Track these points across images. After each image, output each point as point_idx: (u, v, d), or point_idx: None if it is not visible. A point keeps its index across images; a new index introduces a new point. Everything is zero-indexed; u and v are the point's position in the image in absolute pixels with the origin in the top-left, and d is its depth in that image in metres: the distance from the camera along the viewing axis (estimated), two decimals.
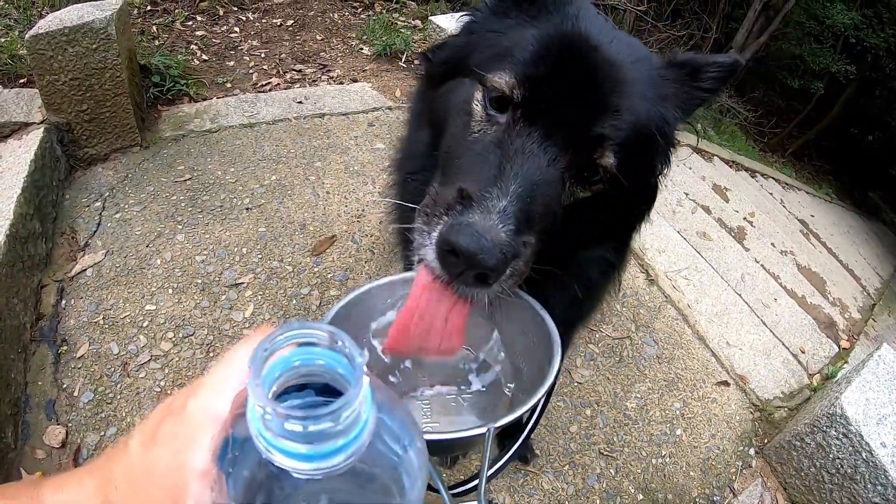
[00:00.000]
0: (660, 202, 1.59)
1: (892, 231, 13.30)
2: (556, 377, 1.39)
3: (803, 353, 4.50)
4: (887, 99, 14.00)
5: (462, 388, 1.31)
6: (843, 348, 4.98)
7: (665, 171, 1.51)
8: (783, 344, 4.43)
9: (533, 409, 1.14)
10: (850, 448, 2.93)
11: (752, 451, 3.41)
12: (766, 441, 3.50)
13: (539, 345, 1.23)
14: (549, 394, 1.35)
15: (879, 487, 2.84)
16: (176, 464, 0.61)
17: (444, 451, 1.29)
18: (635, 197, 1.46)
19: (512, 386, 1.29)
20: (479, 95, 1.29)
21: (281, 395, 0.53)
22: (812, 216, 8.57)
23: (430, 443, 0.73)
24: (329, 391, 0.53)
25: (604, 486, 2.92)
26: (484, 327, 1.33)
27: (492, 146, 1.22)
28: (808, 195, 9.92)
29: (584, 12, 1.35)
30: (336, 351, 0.52)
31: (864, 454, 2.88)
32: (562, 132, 1.20)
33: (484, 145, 1.24)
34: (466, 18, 1.52)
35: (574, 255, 1.51)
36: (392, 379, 1.33)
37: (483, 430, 1.00)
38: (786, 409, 3.79)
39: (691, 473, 3.15)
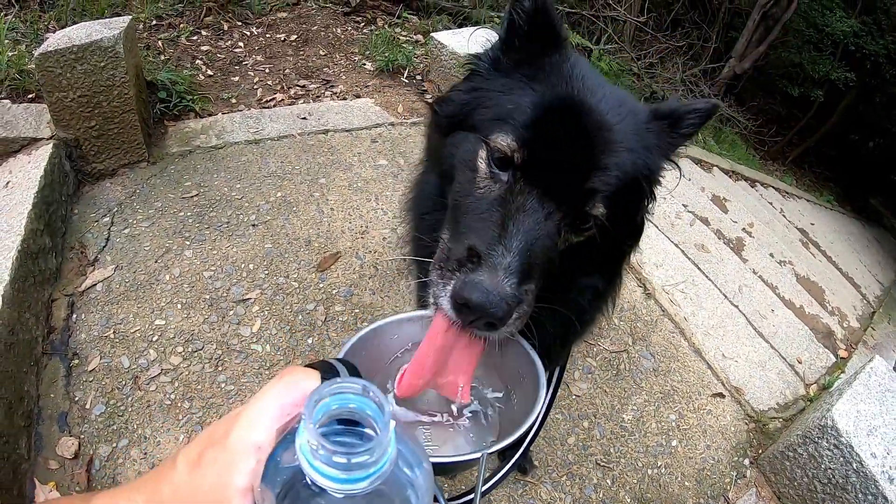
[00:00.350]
0: (658, 215, 1.71)
1: (894, 236, 13.39)
2: (546, 407, 1.48)
3: (800, 363, 4.56)
4: (887, 105, 14.13)
5: (459, 415, 1.39)
6: (841, 358, 5.05)
7: (650, 208, 1.66)
8: (780, 355, 4.49)
9: (531, 424, 1.23)
10: (842, 459, 2.99)
11: (746, 462, 3.47)
12: (760, 451, 3.56)
13: (528, 380, 1.35)
14: (547, 409, 1.43)
15: (870, 497, 2.90)
16: (220, 483, 0.69)
17: (444, 473, 1.40)
18: (623, 235, 1.59)
19: (504, 416, 1.37)
20: (483, 154, 1.41)
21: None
22: (812, 224, 8.63)
23: (432, 465, 0.82)
24: (348, 422, 0.67)
25: (601, 496, 2.98)
26: (482, 366, 1.41)
27: (496, 204, 1.35)
28: (808, 203, 9.98)
29: (578, 71, 1.49)
30: (366, 397, 0.65)
31: (854, 465, 2.94)
32: (557, 189, 1.34)
33: (489, 203, 1.37)
34: (470, 76, 1.65)
35: (566, 288, 1.62)
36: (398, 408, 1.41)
37: (478, 455, 1.10)
38: (780, 419, 3.85)
39: (686, 483, 3.22)
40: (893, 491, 2.86)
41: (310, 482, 0.61)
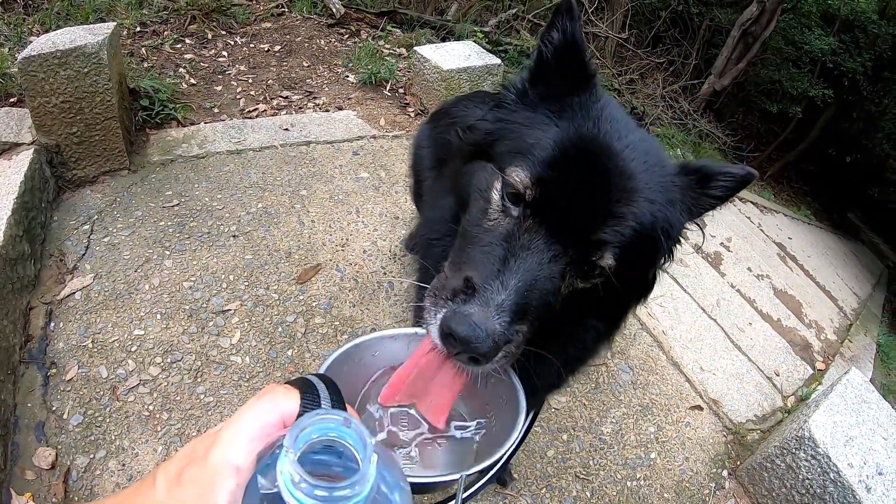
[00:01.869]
0: None
1: (871, 250, 13.60)
2: (534, 413, 1.49)
3: (777, 375, 4.64)
4: (865, 121, 14.43)
5: (440, 434, 1.40)
6: (818, 370, 5.13)
7: (666, 265, 1.61)
8: (757, 367, 4.56)
9: (507, 449, 1.25)
10: (819, 469, 3.05)
11: (725, 473, 3.52)
12: (738, 463, 3.61)
13: (509, 404, 1.36)
14: (530, 423, 1.44)
15: None
16: (201, 502, 0.70)
17: (423, 492, 1.41)
18: (632, 288, 1.56)
19: (481, 439, 1.39)
20: (498, 185, 1.39)
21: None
22: (790, 239, 8.72)
23: (412, 485, 0.85)
24: (329, 449, 0.69)
25: None
26: (469, 391, 1.43)
27: (501, 238, 1.33)
28: (786, 218, 10.07)
29: (608, 112, 1.44)
30: (348, 429, 0.68)
31: (831, 475, 3.00)
32: (566, 233, 1.30)
33: (495, 236, 1.34)
34: (497, 105, 1.60)
35: (566, 331, 1.61)
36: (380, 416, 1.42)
37: (457, 476, 1.13)
38: (758, 431, 3.92)
39: (665, 495, 3.25)
40: (871, 500, 2.92)
41: None
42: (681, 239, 1.55)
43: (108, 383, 2.83)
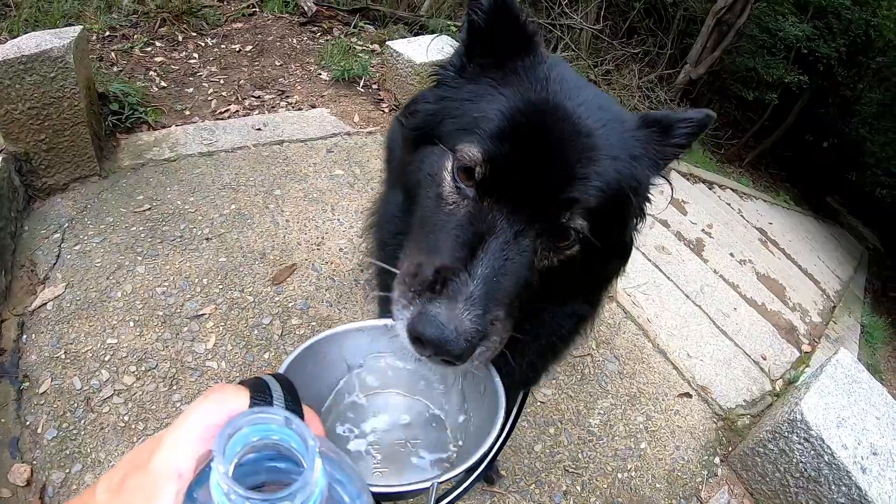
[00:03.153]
0: None
1: (851, 233, 13.75)
2: (519, 407, 1.44)
3: (765, 359, 4.67)
4: (840, 106, 14.61)
5: (413, 439, 1.36)
6: (805, 352, 5.19)
7: (640, 227, 1.55)
8: (744, 352, 4.59)
9: (499, 433, 1.20)
10: (812, 452, 3.06)
11: (717, 460, 3.52)
12: (730, 449, 3.62)
13: (489, 398, 1.31)
14: (515, 418, 1.40)
15: (843, 488, 2.96)
16: None
17: (393, 500, 1.33)
18: (609, 255, 1.50)
19: (460, 440, 1.35)
20: (448, 165, 1.32)
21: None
22: (770, 224, 8.80)
23: (379, 495, 0.80)
24: (272, 458, 0.62)
25: (570, 503, 2.99)
26: (442, 387, 1.39)
27: (461, 223, 1.26)
28: (765, 203, 10.16)
29: (556, 73, 1.38)
30: (290, 429, 0.60)
31: (826, 457, 3.01)
32: (529, 205, 1.23)
33: (455, 221, 1.27)
34: (437, 85, 1.53)
35: (546, 313, 1.54)
36: (350, 415, 1.38)
37: (427, 484, 1.07)
38: (749, 416, 3.93)
39: (658, 486, 3.25)
40: (867, 480, 2.93)
41: None
42: (650, 195, 1.50)
43: (83, 395, 2.78)
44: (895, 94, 13.64)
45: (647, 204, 1.52)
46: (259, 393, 0.76)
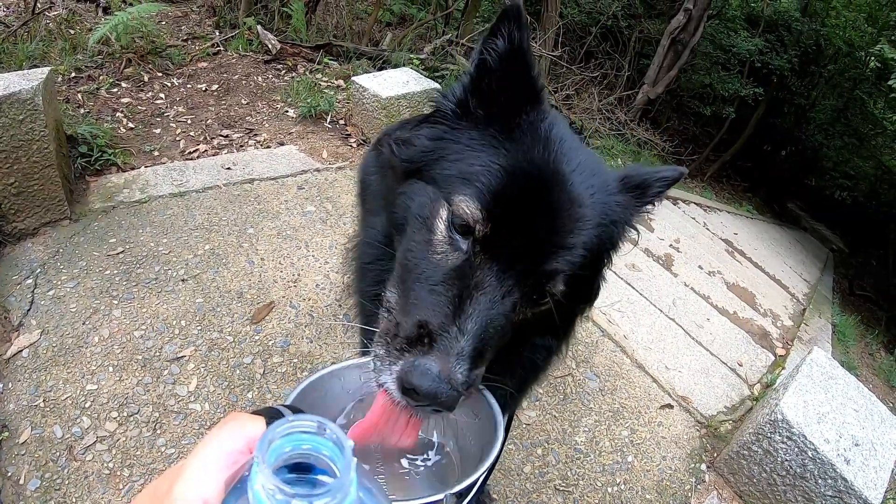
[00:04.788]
0: None
1: (815, 237, 14.06)
2: (502, 446, 1.48)
3: (741, 366, 4.79)
4: (796, 115, 15.10)
5: (415, 464, 1.39)
6: (780, 355, 5.32)
7: (606, 272, 1.62)
8: (720, 360, 4.70)
9: (493, 462, 1.24)
10: (796, 449, 3.14)
11: (703, 467, 3.60)
12: (715, 455, 3.69)
13: (485, 425, 1.35)
14: (502, 442, 1.43)
15: (830, 481, 3.05)
16: None
17: None
18: (580, 302, 1.57)
19: (459, 461, 1.38)
20: (444, 215, 1.32)
21: None
22: (735, 234, 8.98)
23: None
24: (299, 469, 0.64)
25: None
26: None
27: (452, 276, 1.28)
28: (729, 214, 10.34)
29: (555, 132, 1.40)
30: (322, 437, 0.63)
31: (809, 453, 3.09)
32: (519, 267, 1.27)
33: (445, 273, 1.29)
34: (434, 117, 1.52)
35: (518, 349, 1.57)
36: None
37: (441, 496, 1.11)
38: (730, 421, 4.02)
39: (648, 496, 3.30)
40: (851, 471, 3.02)
41: None
42: (620, 246, 1.57)
43: (64, 443, 2.74)
44: (847, 99, 14.14)
45: (616, 252, 1.58)
46: (274, 419, 0.74)
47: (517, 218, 1.29)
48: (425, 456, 1.41)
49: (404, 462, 1.38)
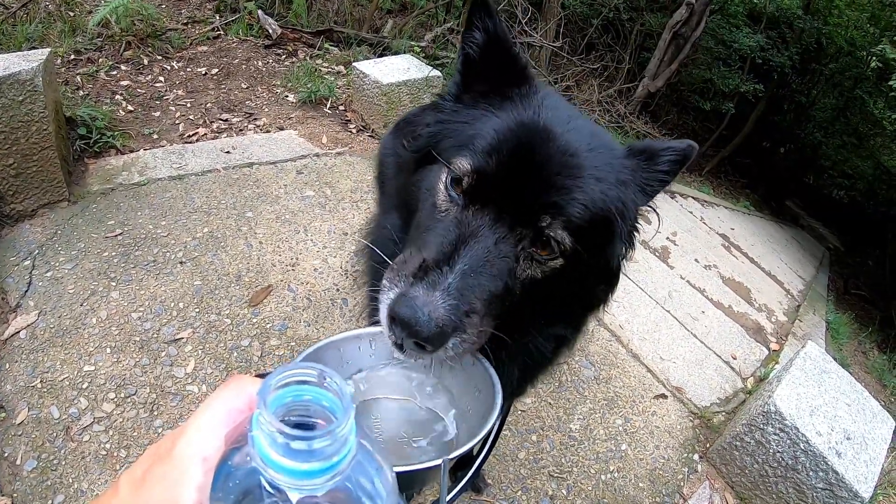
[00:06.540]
0: None
1: (811, 235, 14.03)
2: (501, 419, 1.48)
3: (735, 358, 4.80)
4: (795, 112, 15.02)
5: (414, 434, 1.39)
6: (773, 350, 5.33)
7: (629, 255, 1.63)
8: (714, 353, 4.71)
9: (483, 442, 1.24)
10: (788, 441, 3.14)
11: (696, 457, 3.61)
12: (708, 445, 3.71)
13: (486, 396, 1.35)
14: (498, 429, 1.44)
15: (821, 473, 3.06)
16: (167, 501, 0.64)
17: (403, 487, 1.35)
18: (594, 277, 1.57)
19: (458, 432, 1.38)
20: (444, 177, 1.40)
21: None
22: (732, 229, 8.95)
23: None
24: (300, 426, 0.61)
25: None
26: (437, 387, 1.42)
27: (450, 225, 1.34)
28: (727, 210, 10.33)
29: (548, 101, 1.47)
30: (322, 388, 0.62)
31: (801, 445, 3.10)
32: (511, 213, 1.31)
33: (445, 224, 1.35)
34: (435, 109, 1.61)
35: (530, 330, 1.59)
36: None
37: (439, 461, 1.10)
38: (723, 413, 4.04)
39: (640, 485, 3.32)
40: (842, 464, 3.03)
41: (265, 485, 0.57)
42: (638, 224, 1.58)
43: (61, 424, 2.74)
44: (848, 98, 14.09)
45: (636, 233, 1.59)
46: None
47: (506, 168, 1.34)
48: (422, 427, 1.41)
49: (400, 430, 1.38)
